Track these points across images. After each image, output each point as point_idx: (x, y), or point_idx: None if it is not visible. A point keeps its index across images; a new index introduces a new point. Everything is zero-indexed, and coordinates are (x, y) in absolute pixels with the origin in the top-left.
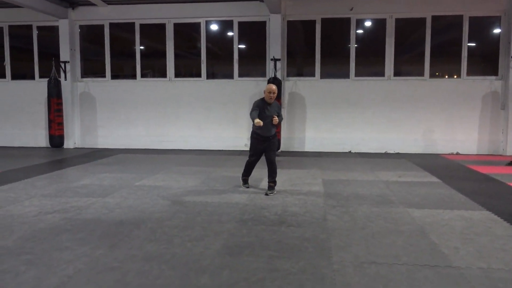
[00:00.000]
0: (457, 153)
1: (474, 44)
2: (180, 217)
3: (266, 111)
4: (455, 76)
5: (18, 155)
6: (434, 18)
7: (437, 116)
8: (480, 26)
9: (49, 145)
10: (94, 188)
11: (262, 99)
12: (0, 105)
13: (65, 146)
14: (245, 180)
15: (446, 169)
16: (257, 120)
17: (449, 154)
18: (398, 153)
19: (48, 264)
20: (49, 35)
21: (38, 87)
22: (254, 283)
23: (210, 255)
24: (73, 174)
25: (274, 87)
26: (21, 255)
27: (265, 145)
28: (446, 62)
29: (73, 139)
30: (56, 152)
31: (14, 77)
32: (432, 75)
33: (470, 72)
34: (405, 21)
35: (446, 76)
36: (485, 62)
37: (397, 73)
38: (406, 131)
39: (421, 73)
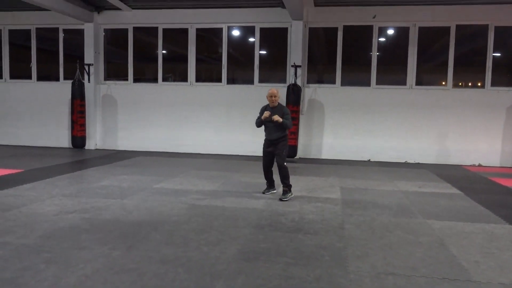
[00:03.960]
0: (479, 165)
1: (499, 54)
2: (197, 221)
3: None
4: (479, 85)
5: (41, 154)
6: (459, 27)
7: (459, 126)
8: (506, 36)
9: (71, 146)
10: (113, 189)
11: (268, 105)
12: (25, 105)
13: (86, 147)
14: (266, 184)
15: (467, 180)
16: (264, 114)
17: (471, 165)
18: (418, 163)
19: (67, 263)
20: (75, 38)
21: (62, 88)
22: None
23: (226, 260)
24: (93, 175)
25: (275, 90)
26: (41, 253)
27: (271, 148)
28: (469, 72)
29: (94, 140)
30: (78, 153)
31: (40, 78)
32: (455, 85)
33: (494, 83)
34: (428, 29)
35: (470, 86)
36: (510, 72)
37: (419, 82)
38: (427, 141)
39: (443, 83)
